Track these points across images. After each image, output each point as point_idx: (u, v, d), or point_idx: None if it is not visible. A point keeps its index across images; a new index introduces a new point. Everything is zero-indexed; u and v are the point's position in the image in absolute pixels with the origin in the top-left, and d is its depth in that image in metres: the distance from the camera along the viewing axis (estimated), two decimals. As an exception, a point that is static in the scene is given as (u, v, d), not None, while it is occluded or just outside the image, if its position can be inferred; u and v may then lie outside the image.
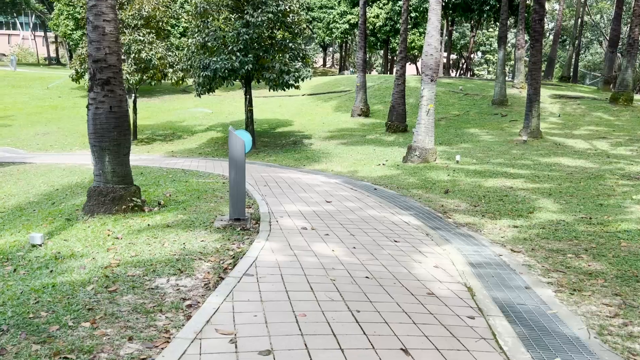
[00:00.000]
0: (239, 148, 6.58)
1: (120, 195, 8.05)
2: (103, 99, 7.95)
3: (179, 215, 7.50)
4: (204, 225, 6.84)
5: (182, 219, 7.24)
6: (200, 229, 6.68)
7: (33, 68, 50.38)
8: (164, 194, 9.52)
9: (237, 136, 6.57)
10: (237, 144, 6.58)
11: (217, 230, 6.55)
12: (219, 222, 6.80)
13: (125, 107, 8.21)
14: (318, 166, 14.26)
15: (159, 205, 8.63)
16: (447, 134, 18.95)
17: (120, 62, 8.19)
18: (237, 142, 6.58)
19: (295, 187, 10.13)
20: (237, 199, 6.70)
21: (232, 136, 6.58)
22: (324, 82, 33.95)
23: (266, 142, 19.49)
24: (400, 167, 13.02)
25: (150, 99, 32.61)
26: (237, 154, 6.61)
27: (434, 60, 13.28)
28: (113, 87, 7.99)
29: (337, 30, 39.91)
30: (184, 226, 6.81)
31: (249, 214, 7.52)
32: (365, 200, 9.08)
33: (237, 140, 6.57)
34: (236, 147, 6.59)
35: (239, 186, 6.67)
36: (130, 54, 19.10)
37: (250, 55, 16.24)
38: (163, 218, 7.34)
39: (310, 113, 25.64)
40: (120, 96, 8.10)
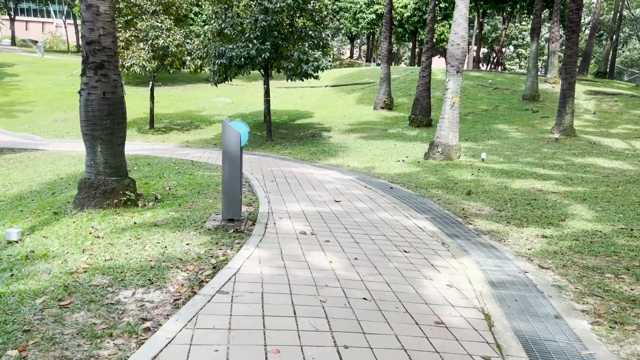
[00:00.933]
0: (234, 141, 5.90)
1: (113, 188, 7.47)
2: (96, 84, 7.36)
3: (172, 212, 6.88)
4: (194, 225, 6.20)
5: (173, 216, 6.61)
6: (189, 229, 6.04)
7: (62, 55, 50.80)
8: (164, 187, 8.93)
9: (231, 128, 5.89)
10: (232, 137, 5.90)
11: (207, 232, 5.90)
12: (211, 222, 6.15)
13: (121, 93, 7.61)
14: (334, 161, 13.52)
15: (156, 200, 8.04)
16: (473, 130, 17.97)
17: (115, 44, 7.58)
18: (231, 134, 5.90)
19: (305, 184, 9.43)
20: (231, 197, 6.03)
21: (226, 128, 5.90)
22: (347, 74, 33.08)
23: (284, 134, 18.82)
24: (420, 164, 12.20)
25: (172, 88, 32.29)
26: (231, 148, 5.93)
27: (460, 50, 12.36)
28: (107, 71, 7.39)
29: (363, 20, 38.90)
30: (172, 225, 6.19)
31: (246, 213, 6.85)
32: (378, 200, 8.32)
33: (231, 132, 5.89)
34: (230, 139, 5.91)
35: (233, 183, 5.99)
36: (148, 40, 18.62)
37: (268, 43, 15.55)
38: (153, 215, 6.73)
39: (332, 105, 24.86)
40: (115, 81, 7.50)
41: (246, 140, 6.12)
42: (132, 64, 18.42)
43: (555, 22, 24.56)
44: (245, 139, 6.03)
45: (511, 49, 71.70)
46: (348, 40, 73.85)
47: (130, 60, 18.48)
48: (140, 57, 18.52)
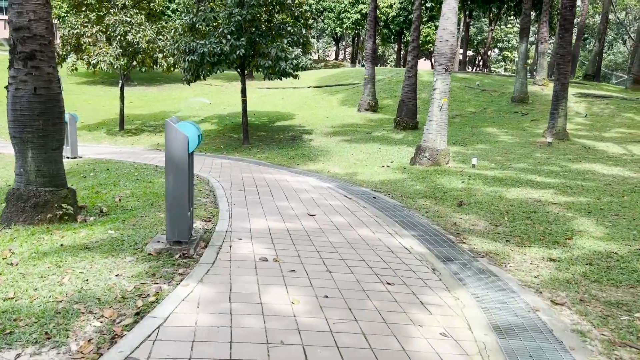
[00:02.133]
0: (180, 146, 4.83)
1: (46, 200, 6.35)
2: (25, 78, 6.25)
3: (112, 230, 5.78)
4: (134, 247, 5.11)
5: (111, 236, 5.51)
6: (126, 253, 4.95)
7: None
8: (114, 198, 7.82)
9: (177, 130, 4.81)
10: (177, 140, 4.82)
11: (147, 258, 4.82)
12: (154, 245, 5.06)
13: (57, 89, 6.49)
14: (313, 166, 12.48)
15: (100, 214, 6.93)
16: (461, 133, 17.06)
17: (51, 32, 6.46)
18: (176, 137, 4.82)
19: (277, 193, 8.37)
20: (177, 215, 4.95)
21: (170, 130, 4.83)
22: (331, 74, 32.09)
23: (262, 137, 17.74)
24: (406, 171, 11.21)
25: (148, 88, 31.02)
26: (176, 154, 4.85)
27: (449, 47, 11.41)
28: (39, 63, 6.28)
29: (347, 20, 37.98)
30: (107, 248, 5.09)
31: (202, 231, 5.78)
32: (359, 213, 7.30)
33: (176, 135, 4.82)
34: (175, 144, 4.83)
35: (179, 198, 4.92)
36: (116, 36, 17.41)
37: (244, 39, 14.48)
38: (88, 234, 5.62)
39: (314, 106, 23.83)
40: (50, 75, 6.38)
41: (196, 146, 5.05)
42: (99, 60, 17.21)
43: (544, 22, 23.85)
44: (194, 143, 4.95)
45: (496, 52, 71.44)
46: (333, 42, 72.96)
47: (97, 57, 17.27)
48: (107, 54, 17.32)
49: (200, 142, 5.20)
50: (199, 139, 5.14)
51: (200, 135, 5.21)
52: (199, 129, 5.21)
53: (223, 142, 16.98)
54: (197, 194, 8.10)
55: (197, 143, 5.07)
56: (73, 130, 13.45)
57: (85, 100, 26.29)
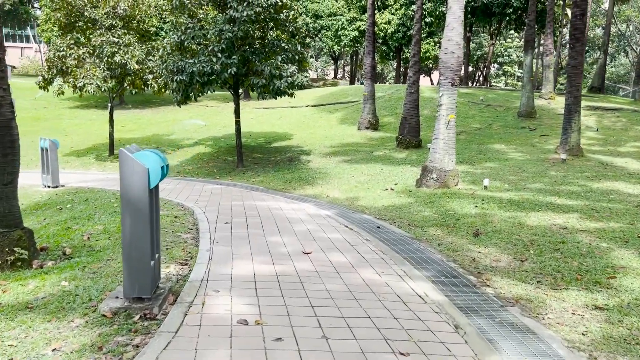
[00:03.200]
0: (137, 180, 3.89)
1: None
2: (-32, 102, 5.36)
3: (66, 281, 4.82)
4: (86, 305, 4.16)
5: (63, 289, 4.55)
6: (76, 313, 3.99)
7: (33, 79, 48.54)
8: (83, 235, 6.87)
9: (134, 162, 3.89)
10: (134, 174, 3.90)
11: (98, 321, 3.86)
12: (110, 303, 4.10)
13: (8, 114, 5.59)
14: (311, 190, 11.54)
15: (63, 256, 5.98)
16: (468, 151, 16.14)
17: (2, 46, 5.59)
18: (133, 170, 3.89)
19: (269, 226, 7.41)
20: (137, 266, 4.00)
21: (125, 161, 3.91)
22: (330, 92, 31.33)
23: (257, 159, 16.84)
24: (412, 194, 10.26)
25: (141, 111, 30.28)
26: (133, 191, 3.92)
27: (455, 59, 10.55)
28: (-15, 83, 5.40)
29: (345, 37, 37.35)
30: (54, 307, 4.14)
31: (175, 278, 4.81)
32: (362, 248, 6.33)
33: (133, 167, 3.89)
34: (132, 178, 3.90)
35: (139, 245, 3.97)
36: (102, 57, 16.65)
37: (235, 57, 13.66)
38: (36, 288, 4.67)
39: (313, 126, 22.99)
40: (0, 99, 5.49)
41: (160, 179, 4.12)
42: (85, 83, 16.41)
43: (548, 34, 23.11)
44: (156, 176, 4.02)
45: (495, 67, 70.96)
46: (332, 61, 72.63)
47: (83, 79, 16.47)
48: (94, 76, 16.53)
49: (165, 174, 4.27)
50: (164, 171, 4.21)
51: (166, 167, 4.28)
52: (164, 159, 4.28)
53: (217, 166, 16.08)
54: (178, 228, 7.16)
55: (161, 176, 4.14)
56: (54, 158, 12.57)
57: (77, 125, 25.52)
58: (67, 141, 21.77)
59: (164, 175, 4.23)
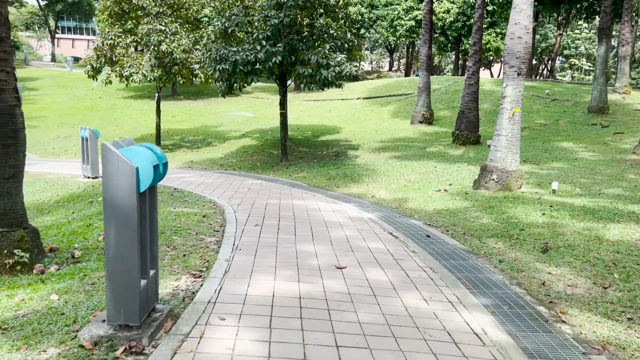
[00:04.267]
0: (124, 182, 3.14)
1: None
2: (-34, 86, 4.81)
3: (57, 294, 4.17)
4: (68, 329, 3.48)
5: (49, 306, 3.90)
6: (52, 340, 3.31)
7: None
8: (99, 235, 6.28)
9: (119, 159, 3.13)
10: (120, 174, 3.14)
11: (74, 354, 3.15)
12: (94, 329, 3.38)
13: (12, 100, 5.01)
14: (356, 189, 10.63)
15: (71, 259, 5.38)
16: (532, 149, 14.73)
17: (4, 26, 5.01)
18: (118, 169, 3.14)
19: (303, 230, 6.59)
20: (122, 287, 3.25)
21: (110, 159, 3.16)
22: (383, 85, 30.17)
23: (303, 153, 16.07)
24: (469, 197, 9.17)
25: (193, 102, 30.21)
26: (118, 195, 3.17)
27: (522, 46, 9.33)
28: (-15, 66, 4.84)
29: (401, 27, 35.94)
30: (32, 329, 3.48)
31: (180, 296, 4.07)
32: (407, 263, 5.39)
33: (119, 165, 3.14)
34: (116, 179, 3.15)
35: (125, 261, 3.22)
36: (149, 45, 16.34)
37: (280, 45, 12.90)
38: (22, 301, 4.04)
39: (363, 119, 22.00)
40: (1, 83, 4.93)
41: (153, 181, 3.35)
42: (131, 72, 16.14)
43: (625, 22, 21.03)
44: (148, 177, 3.25)
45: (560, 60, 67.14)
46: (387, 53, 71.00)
47: (130, 68, 16.21)
48: (141, 65, 16.24)
49: (162, 174, 3.50)
50: (159, 171, 3.44)
51: (163, 166, 3.51)
52: (161, 157, 3.51)
53: (260, 159, 15.44)
54: (203, 230, 6.46)
55: (156, 177, 3.37)
56: (94, 148, 12.23)
57: (128, 115, 25.67)
58: (116, 131, 21.83)
59: (159, 176, 3.46)
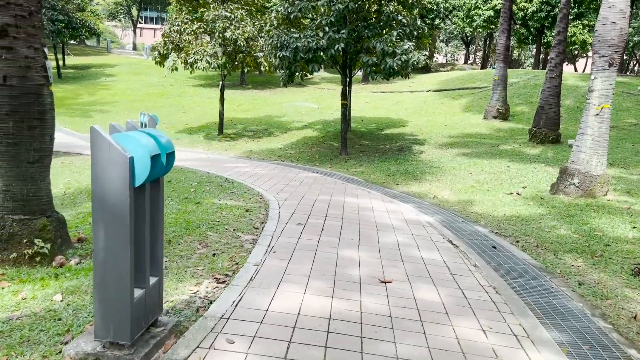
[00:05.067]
0: (115, 174, 2.63)
1: (11, 233, 4.58)
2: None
3: (62, 294, 3.78)
4: (57, 340, 3.04)
5: (49, 307, 3.50)
6: (35, 353, 2.88)
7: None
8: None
9: (110, 146, 2.62)
10: (111, 165, 2.63)
11: (51, 373, 2.69)
12: (82, 343, 2.92)
13: (39, 78, 4.68)
14: (417, 187, 9.82)
15: (96, 252, 5.00)
16: (620, 150, 13.21)
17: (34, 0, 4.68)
18: (110, 159, 2.63)
19: (349, 232, 5.93)
20: (111, 297, 2.76)
21: (98, 145, 2.65)
22: (455, 77, 28.72)
23: (364, 147, 15.34)
24: (545, 202, 8.14)
25: (260, 91, 30.15)
26: (109, 190, 2.66)
27: (617, 33, 8.12)
28: (13, 42, 4.53)
29: (478, 17, 34.10)
30: (19, 336, 3.08)
31: (197, 301, 3.55)
32: (465, 280, 4.60)
33: (110, 154, 2.62)
34: (107, 171, 2.64)
35: (115, 268, 2.72)
36: (215, 32, 16.17)
37: (344, 32, 12.21)
38: (22, 301, 3.68)
39: (432, 112, 20.89)
40: (28, 60, 4.60)
41: (156, 175, 2.82)
42: (196, 59, 16.04)
43: None
44: (145, 169, 2.71)
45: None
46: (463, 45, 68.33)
47: (194, 55, 16.12)
48: (205, 52, 16.10)
49: (165, 166, 2.96)
50: (162, 161, 2.90)
51: (168, 155, 2.97)
52: (165, 145, 2.97)
53: (319, 152, 14.88)
54: (242, 227, 5.96)
55: (155, 169, 2.83)
56: (152, 134, 12.13)
57: (196, 103, 25.93)
58: (183, 118, 22.05)
59: (162, 168, 2.92)
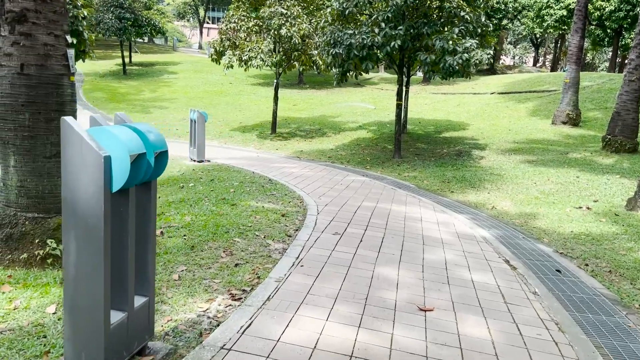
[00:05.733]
0: (87, 176, 2.18)
1: (23, 232, 4.32)
2: (11, 50, 4.28)
3: (56, 306, 3.41)
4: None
5: (37, 320, 3.14)
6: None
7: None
8: (161, 227, 5.59)
9: (83, 143, 2.17)
10: (84, 166, 2.19)
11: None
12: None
13: (59, 68, 4.40)
14: (473, 196, 9.02)
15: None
16: None
17: (57, -16, 4.40)
18: (82, 158, 2.19)
19: (390, 247, 5.31)
20: (83, 322, 2.32)
21: (69, 140, 2.21)
22: (522, 79, 27.16)
23: (420, 150, 14.56)
24: (620, 220, 7.17)
25: (318, 91, 29.79)
26: (80, 195, 2.22)
27: None
28: (32, 28, 4.27)
29: (550, 17, 32.23)
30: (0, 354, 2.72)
31: (194, 330, 3.09)
32: (522, 312, 3.90)
33: (82, 152, 2.18)
34: (78, 172, 2.20)
35: (88, 288, 2.28)
36: (270, 29, 15.89)
37: (402, 28, 11.54)
38: (13, 311, 3.34)
39: (495, 116, 19.73)
40: (47, 47, 4.32)
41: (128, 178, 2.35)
42: (250, 57, 15.81)
43: None
44: (125, 171, 2.25)
45: None
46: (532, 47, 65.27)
47: (249, 53, 15.90)
48: (260, 50, 15.84)
49: (153, 168, 2.49)
50: (149, 162, 2.43)
51: (159, 155, 2.50)
52: (155, 143, 2.50)
53: (372, 154, 14.24)
54: (274, 234, 5.48)
55: (143, 172, 2.37)
56: (201, 131, 11.94)
57: (253, 101, 25.90)
58: (238, 116, 22.01)
59: (150, 170, 2.45)
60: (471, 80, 28.23)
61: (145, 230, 2.61)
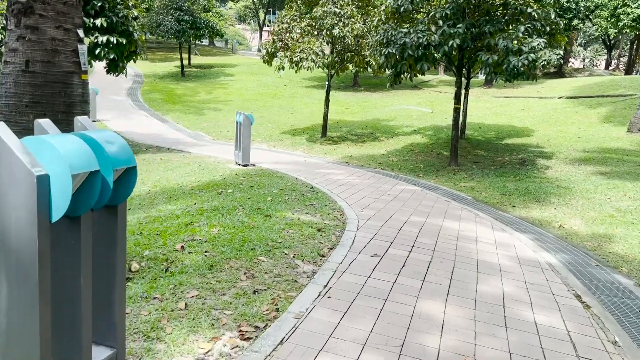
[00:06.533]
0: (19, 201, 1.65)
1: (25, 245, 3.89)
2: (16, 45, 3.91)
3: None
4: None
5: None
6: None
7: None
8: (184, 241, 5.12)
9: (12, 157, 1.64)
10: (13, 186, 1.66)
11: None
12: None
13: (68, 65, 4.01)
14: (538, 212, 8.07)
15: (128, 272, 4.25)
16: None
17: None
18: (12, 176, 1.66)
19: (438, 273, 4.58)
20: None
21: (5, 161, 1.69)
22: (594, 83, 25.30)
23: (479, 158, 13.57)
24: None
25: (372, 94, 29.03)
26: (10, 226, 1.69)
27: None
28: (39, 21, 3.88)
29: (626, 17, 29.97)
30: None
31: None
32: (600, 372, 3.09)
33: (12, 169, 1.65)
34: (9, 195, 1.68)
35: (20, 340, 1.75)
36: (323, 29, 15.37)
37: (461, 26, 10.68)
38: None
39: (563, 122, 18.30)
40: (55, 42, 3.93)
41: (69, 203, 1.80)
42: (301, 57, 15.34)
43: None
44: (64, 196, 1.70)
45: None
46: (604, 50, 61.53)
47: (300, 53, 15.43)
48: (311, 50, 15.35)
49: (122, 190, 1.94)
50: (107, 181, 1.88)
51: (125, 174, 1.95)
52: (118, 156, 1.94)
53: (425, 160, 13.40)
54: (306, 252, 4.88)
55: (95, 194, 1.82)
56: (246, 134, 11.55)
57: (306, 104, 25.51)
58: (290, 119, 21.64)
59: (109, 192, 1.90)
60: (537, 83, 26.62)
61: (111, 265, 2.07)
